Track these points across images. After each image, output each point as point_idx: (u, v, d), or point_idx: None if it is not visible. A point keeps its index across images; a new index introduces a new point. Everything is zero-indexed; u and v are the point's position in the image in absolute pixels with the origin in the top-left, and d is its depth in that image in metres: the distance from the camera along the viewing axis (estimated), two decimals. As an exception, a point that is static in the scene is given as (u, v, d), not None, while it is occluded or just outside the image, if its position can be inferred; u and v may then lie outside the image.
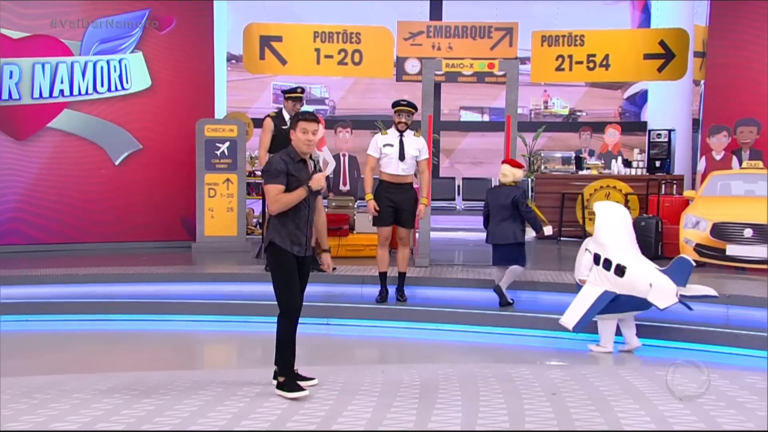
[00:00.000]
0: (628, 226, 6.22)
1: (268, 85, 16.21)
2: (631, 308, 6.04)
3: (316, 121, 4.57)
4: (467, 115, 17.24)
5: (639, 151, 11.86)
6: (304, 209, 4.61)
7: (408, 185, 7.06)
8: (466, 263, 8.95)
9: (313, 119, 4.58)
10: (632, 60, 11.41)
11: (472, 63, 8.83)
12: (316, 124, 4.57)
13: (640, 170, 11.18)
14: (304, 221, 4.62)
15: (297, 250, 4.61)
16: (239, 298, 7.44)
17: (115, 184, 10.13)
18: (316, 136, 4.56)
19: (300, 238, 4.61)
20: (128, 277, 7.96)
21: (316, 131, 4.54)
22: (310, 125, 4.56)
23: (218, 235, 9.70)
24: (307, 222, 4.65)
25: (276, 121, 7.86)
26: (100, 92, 10.05)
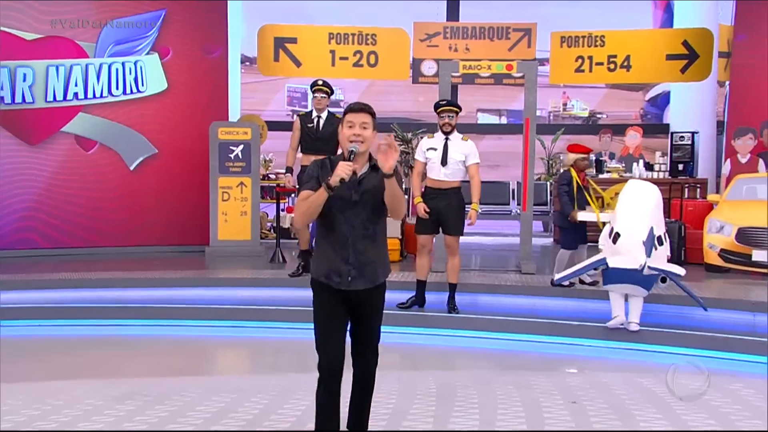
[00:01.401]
0: (649, 201, 6.49)
1: (283, 87, 16.28)
2: (624, 280, 6.21)
3: (366, 112, 3.59)
4: (484, 118, 17.21)
5: (661, 154, 11.78)
6: (344, 225, 3.51)
7: (452, 191, 6.85)
8: (483, 268, 8.93)
9: (360, 109, 3.58)
10: (654, 61, 11.32)
11: (490, 64, 8.82)
12: (366, 115, 3.58)
13: (663, 174, 11.09)
14: (344, 242, 3.51)
15: (336, 282, 3.52)
16: (253, 304, 7.44)
17: (129, 188, 10.16)
18: (367, 131, 3.55)
19: (338, 265, 3.51)
20: (140, 281, 7.99)
21: (367, 125, 3.55)
22: (357, 116, 3.55)
23: (231, 239, 9.72)
24: (351, 244, 3.51)
25: (303, 119, 7.87)
26: (115, 95, 10.10)
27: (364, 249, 3.53)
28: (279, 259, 9.02)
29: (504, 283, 7.79)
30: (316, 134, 7.70)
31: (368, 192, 3.54)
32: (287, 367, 6.05)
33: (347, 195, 3.50)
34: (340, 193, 3.44)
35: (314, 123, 7.76)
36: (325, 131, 7.70)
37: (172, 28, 10.31)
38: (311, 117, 7.81)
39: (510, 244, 11.27)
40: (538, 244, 11.26)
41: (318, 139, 7.68)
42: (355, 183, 3.51)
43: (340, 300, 3.55)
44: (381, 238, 3.64)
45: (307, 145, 7.77)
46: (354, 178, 3.48)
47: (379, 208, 3.54)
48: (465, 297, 7.45)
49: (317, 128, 7.73)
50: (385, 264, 3.67)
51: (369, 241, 3.56)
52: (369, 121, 3.56)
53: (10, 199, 9.77)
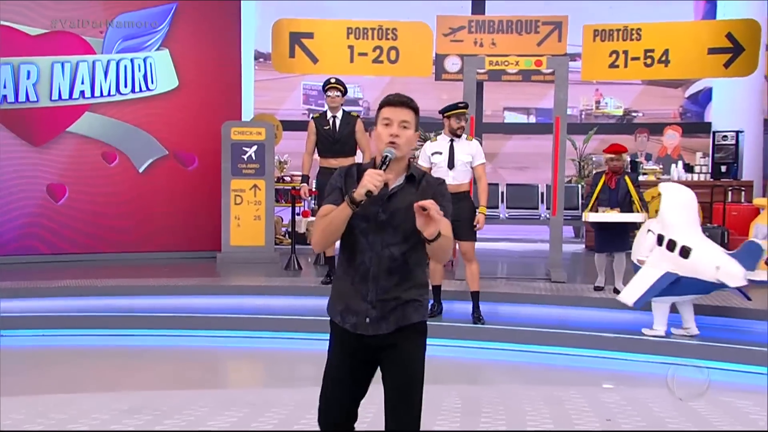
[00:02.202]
0: (693, 208, 6.48)
1: (298, 84, 16.32)
2: (693, 291, 6.25)
3: (408, 107, 2.98)
4: (512, 117, 17.16)
5: (702, 155, 11.69)
6: (367, 253, 2.92)
7: (461, 195, 6.84)
8: (510, 276, 8.90)
9: (401, 103, 2.97)
10: (695, 55, 11.23)
11: (518, 60, 8.79)
12: (408, 111, 2.97)
13: (704, 176, 11.00)
14: (365, 274, 2.92)
15: (352, 323, 2.95)
16: (267, 313, 7.45)
17: (137, 191, 10.25)
18: (408, 132, 2.94)
19: (355, 302, 2.94)
20: (149, 289, 8.05)
21: (408, 124, 2.94)
22: (397, 111, 2.94)
23: (244, 245, 9.77)
24: (373, 278, 2.92)
25: (318, 122, 7.88)
26: (124, 93, 10.18)
27: (390, 286, 2.91)
28: (294, 266, 9.05)
29: (532, 292, 7.78)
30: (334, 136, 7.72)
31: (400, 212, 2.89)
32: (304, 380, 6.05)
33: (372, 213, 2.90)
34: (364, 211, 2.85)
35: (330, 124, 7.77)
36: (342, 132, 7.72)
37: (183, 23, 10.38)
38: (326, 118, 7.82)
39: (539, 250, 11.24)
40: (569, 250, 11.21)
41: (336, 141, 7.70)
42: (383, 198, 2.89)
43: (359, 350, 2.96)
44: (416, 272, 2.97)
45: (325, 148, 7.79)
46: (384, 191, 2.87)
47: (415, 233, 2.80)
48: (490, 306, 7.44)
49: (334, 129, 7.75)
50: (422, 303, 2.99)
51: (397, 277, 2.92)
52: (411, 119, 2.95)
53: (12, 204, 9.87)
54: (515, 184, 12.61)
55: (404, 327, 2.92)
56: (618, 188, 7.60)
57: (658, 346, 6.36)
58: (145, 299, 7.85)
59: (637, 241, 6.74)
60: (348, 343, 2.96)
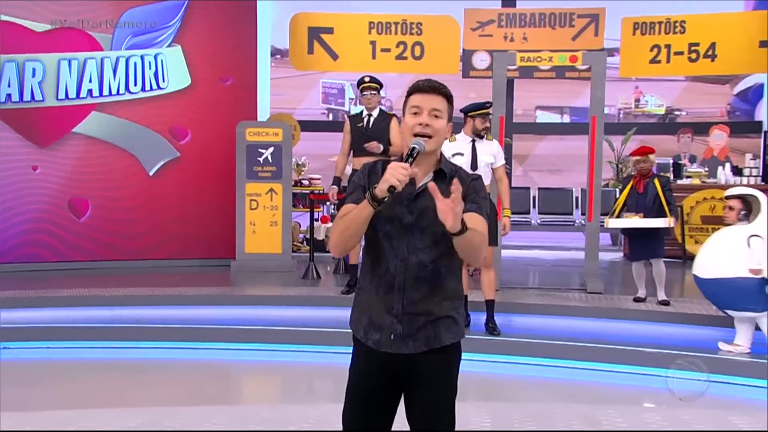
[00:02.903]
0: None
1: (317, 82, 16.34)
2: None
3: (440, 94, 2.81)
4: (544, 116, 17.07)
5: (752, 156, 11.55)
6: (392, 260, 2.76)
7: None
8: (542, 286, 8.86)
9: (432, 89, 2.80)
10: (744, 48, 11.13)
11: (551, 56, 8.75)
12: (440, 98, 2.80)
13: (754, 179, 10.87)
14: (390, 284, 2.77)
15: (375, 340, 2.81)
16: (283, 324, 7.45)
17: (148, 195, 10.30)
18: (439, 122, 2.78)
19: (380, 315, 2.79)
20: (159, 299, 8.08)
21: (440, 113, 2.78)
22: (427, 99, 2.79)
23: (260, 252, 9.79)
24: (399, 288, 2.76)
25: (353, 120, 7.97)
26: (133, 92, 10.25)
27: (418, 297, 2.75)
28: (313, 274, 9.05)
29: (567, 303, 7.75)
30: (366, 132, 7.76)
31: (428, 212, 2.68)
32: (323, 396, 6.04)
33: (397, 215, 2.75)
34: (388, 212, 2.71)
35: (364, 122, 7.84)
36: (375, 128, 7.78)
37: (196, 18, 10.44)
38: (361, 116, 7.91)
39: (573, 259, 11.18)
40: (606, 259, 11.16)
41: (368, 138, 7.73)
42: (409, 197, 2.75)
43: (383, 369, 2.81)
44: (448, 282, 2.80)
45: (357, 146, 7.85)
46: (411, 190, 2.73)
47: (447, 236, 2.63)
48: (521, 319, 7.43)
49: (367, 126, 7.81)
50: (455, 320, 2.83)
51: (427, 287, 2.76)
52: (443, 108, 2.78)
53: (16, 208, 9.93)
54: (548, 188, 12.58)
55: (435, 350, 2.77)
56: (647, 192, 7.57)
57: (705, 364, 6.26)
58: (155, 309, 7.89)
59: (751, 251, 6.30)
60: (372, 362, 2.81)
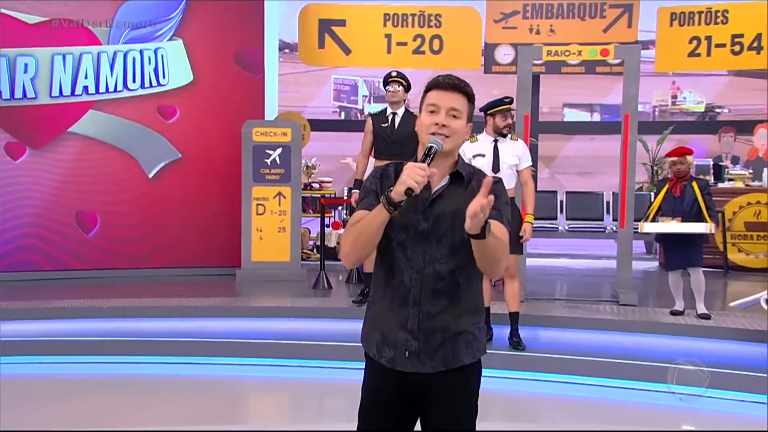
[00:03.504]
0: None
1: (328, 79, 16.36)
2: None
3: (460, 91, 2.82)
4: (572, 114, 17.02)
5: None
6: (407, 271, 2.77)
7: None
8: (570, 298, 8.84)
9: (451, 86, 2.80)
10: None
11: (581, 50, 8.74)
12: (459, 96, 2.81)
13: (803, 182, 10.82)
14: (405, 296, 2.78)
15: (388, 358, 2.81)
16: (292, 338, 7.47)
17: (148, 199, 10.33)
18: (457, 122, 2.78)
19: (393, 331, 2.79)
20: (160, 310, 8.11)
21: (458, 113, 2.79)
22: (445, 96, 2.79)
23: (267, 260, 9.82)
24: (414, 301, 2.76)
25: (376, 119, 7.97)
26: (132, 89, 10.29)
27: (435, 311, 2.75)
28: (323, 284, 9.07)
29: (597, 316, 7.73)
30: (392, 135, 7.79)
31: (445, 219, 2.74)
32: (335, 415, 6.04)
33: (412, 222, 2.75)
34: (402, 219, 2.71)
35: (389, 122, 7.84)
36: (401, 131, 7.79)
37: (199, 10, 10.48)
38: (385, 115, 7.91)
39: (604, 268, 11.15)
40: (640, 268, 11.11)
41: (393, 141, 7.76)
42: (424, 203, 2.76)
43: (397, 388, 2.81)
44: (468, 294, 2.80)
45: (381, 148, 7.87)
46: (426, 195, 2.74)
47: (465, 245, 2.65)
48: (548, 333, 7.43)
49: (392, 128, 7.82)
50: (475, 336, 2.84)
51: (445, 300, 2.76)
52: (462, 107, 2.79)
53: (8, 213, 9.97)
54: (576, 192, 12.53)
55: (453, 370, 2.78)
56: (684, 196, 7.54)
57: (746, 382, 6.24)
58: (156, 322, 7.91)
59: None
60: (385, 381, 2.81)
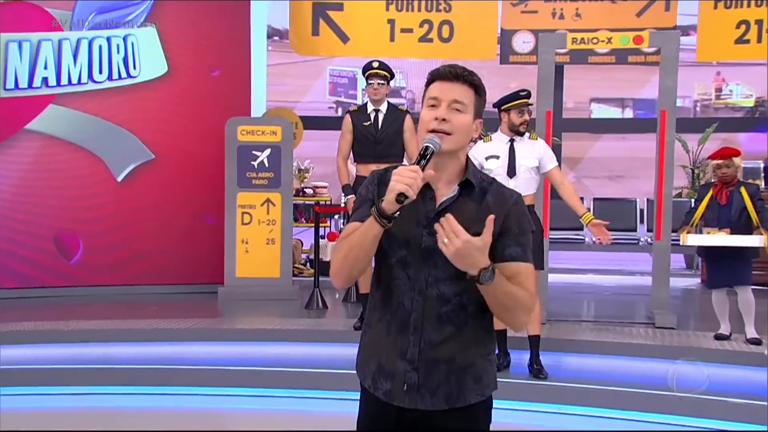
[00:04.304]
0: None
1: (324, 70, 16.43)
2: None
3: (466, 82, 2.78)
4: (600, 110, 17.09)
5: None
6: (407, 292, 2.75)
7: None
8: (599, 319, 8.83)
9: (455, 76, 2.77)
10: None
11: (611, 37, 8.77)
12: (465, 87, 2.78)
13: None
14: (405, 321, 2.76)
15: (385, 390, 2.80)
16: (283, 365, 7.48)
17: (117, 206, 10.30)
18: (461, 117, 2.75)
19: (391, 360, 2.78)
20: (132, 334, 8.09)
21: (463, 106, 2.75)
22: (448, 88, 2.76)
23: (254, 276, 9.83)
24: (416, 327, 2.75)
25: (356, 117, 7.95)
26: (98, 81, 10.27)
27: (439, 339, 2.73)
28: (317, 303, 9.08)
29: (629, 340, 7.73)
30: (376, 135, 7.79)
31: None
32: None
33: (414, 237, 2.74)
34: (402, 233, 2.72)
35: (371, 120, 7.84)
36: (387, 130, 7.78)
37: (175, -9, 10.49)
38: (366, 112, 7.89)
39: (638, 285, 11.15)
40: (679, 286, 11.11)
41: (377, 141, 7.76)
42: (428, 216, 2.74)
43: (394, 426, 2.81)
44: (479, 318, 2.78)
45: (363, 150, 7.86)
46: (431, 206, 2.75)
47: None
48: (573, 359, 7.46)
49: (376, 126, 7.82)
50: (486, 370, 2.82)
51: (450, 327, 2.74)
52: (467, 100, 2.75)
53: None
54: (606, 199, 12.56)
55: (458, 408, 2.76)
56: (730, 203, 7.53)
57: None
58: (126, 347, 7.90)
59: None
60: (381, 416, 2.81)
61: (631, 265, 12.55)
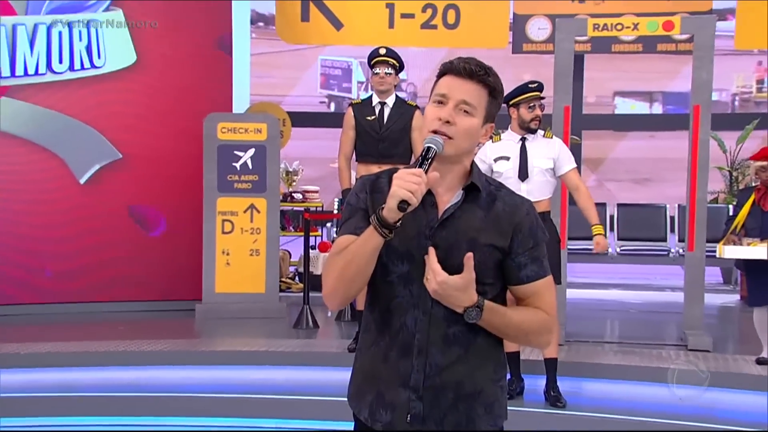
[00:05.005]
0: None
1: (315, 60, 16.43)
2: None
3: (478, 80, 2.75)
4: (625, 105, 17.09)
5: None
6: (409, 311, 2.73)
7: (540, 216, 6.86)
8: (624, 341, 8.85)
9: (469, 73, 2.74)
10: None
11: (637, 22, 8.74)
12: (477, 86, 2.75)
13: None
14: (407, 344, 2.74)
15: (385, 423, 2.78)
16: (268, 391, 7.46)
17: (80, 212, 10.25)
18: (468, 121, 2.73)
19: (392, 390, 2.76)
20: (97, 357, 8.05)
21: (471, 108, 2.74)
22: (458, 85, 2.74)
23: (236, 291, 9.80)
24: (420, 350, 2.72)
25: (359, 110, 7.93)
26: (58, 72, 10.23)
27: (447, 363, 2.73)
28: (307, 322, 9.06)
29: (659, 365, 7.68)
30: (380, 132, 7.76)
31: (459, 246, 2.69)
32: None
33: (416, 249, 2.72)
34: (403, 243, 2.71)
35: (376, 114, 7.82)
36: (393, 126, 7.77)
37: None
38: (371, 106, 7.88)
39: (668, 302, 11.16)
40: (715, 303, 11.09)
41: (381, 139, 7.74)
42: (431, 225, 2.74)
43: None
44: (490, 339, 2.77)
45: (366, 148, 7.85)
46: (433, 215, 2.74)
47: (487, 278, 2.72)
48: (594, 385, 7.45)
49: (381, 122, 7.80)
50: (497, 397, 2.82)
51: (459, 349, 2.73)
52: (477, 102, 2.74)
53: None
54: (631, 205, 12.57)
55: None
56: None
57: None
58: (92, 372, 7.85)
59: None
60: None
61: (661, 280, 12.53)
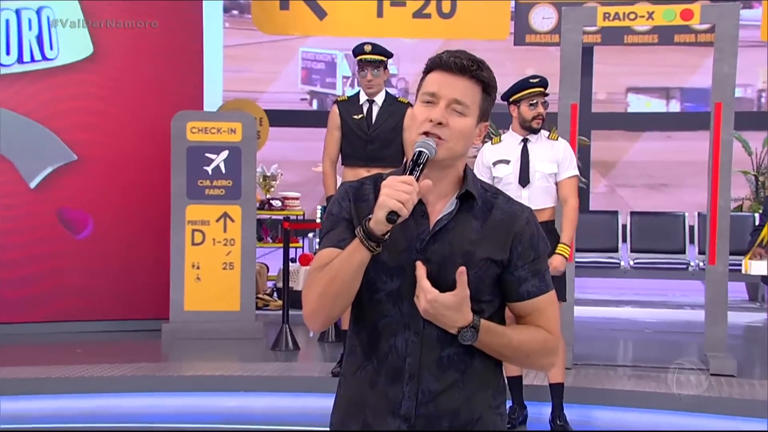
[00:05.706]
0: None
1: (295, 53, 16.45)
2: None
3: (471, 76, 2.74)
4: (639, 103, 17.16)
5: None
6: (399, 332, 2.74)
7: (543, 225, 6.89)
8: (638, 364, 8.86)
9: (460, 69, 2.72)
10: None
11: (652, 10, 8.79)
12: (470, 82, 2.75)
13: None
14: (398, 369, 2.74)
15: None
16: (244, 420, 7.49)
17: (31, 221, 10.17)
18: (462, 121, 2.73)
19: (380, 419, 2.76)
20: (52, 384, 8.04)
21: (464, 108, 2.73)
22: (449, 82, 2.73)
23: (208, 309, 9.78)
24: (411, 375, 2.72)
25: (345, 108, 7.96)
26: (5, 65, 10.17)
27: (440, 389, 2.73)
28: (287, 343, 9.07)
29: (677, 391, 7.68)
30: (367, 132, 7.80)
31: (453, 260, 2.69)
32: None
33: (407, 264, 2.71)
34: (392, 258, 2.72)
35: (364, 113, 7.85)
36: (382, 126, 7.80)
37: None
38: (358, 104, 7.91)
39: (687, 321, 11.17)
40: (740, 322, 11.11)
41: (369, 140, 7.77)
42: (423, 238, 2.74)
43: None
44: (487, 362, 2.78)
45: (353, 151, 7.87)
46: (424, 227, 2.74)
47: (482, 295, 2.73)
48: (605, 413, 7.51)
49: (369, 121, 7.83)
50: (496, 425, 2.82)
51: (454, 373, 2.74)
52: (470, 100, 2.73)
53: None
54: (646, 213, 12.61)
55: None
56: None
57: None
58: (45, 400, 7.86)
59: None
60: None
61: (680, 296, 12.56)
